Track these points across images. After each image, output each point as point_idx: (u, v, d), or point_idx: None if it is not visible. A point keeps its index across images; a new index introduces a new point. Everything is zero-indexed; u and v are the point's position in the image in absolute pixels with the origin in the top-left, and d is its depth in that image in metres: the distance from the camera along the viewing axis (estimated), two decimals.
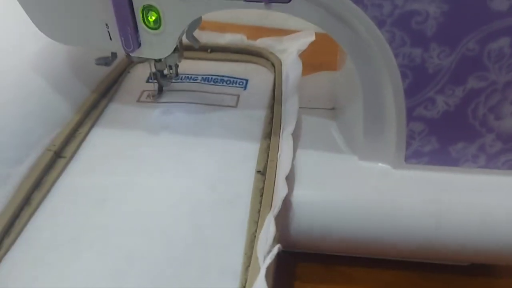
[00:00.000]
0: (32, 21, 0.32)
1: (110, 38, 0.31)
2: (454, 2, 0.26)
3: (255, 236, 0.29)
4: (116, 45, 0.32)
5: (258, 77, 0.45)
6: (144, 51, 0.31)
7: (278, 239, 0.28)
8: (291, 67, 0.42)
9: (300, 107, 0.36)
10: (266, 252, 0.26)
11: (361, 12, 0.27)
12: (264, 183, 0.32)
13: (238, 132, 0.38)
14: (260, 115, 0.40)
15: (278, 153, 0.34)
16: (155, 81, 0.42)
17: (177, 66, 0.40)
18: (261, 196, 0.32)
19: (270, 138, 0.36)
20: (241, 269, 0.28)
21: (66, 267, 0.28)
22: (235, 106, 0.41)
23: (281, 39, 0.48)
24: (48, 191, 0.32)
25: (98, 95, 0.41)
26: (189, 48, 0.41)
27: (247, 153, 0.36)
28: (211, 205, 0.31)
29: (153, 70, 0.40)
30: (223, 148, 0.36)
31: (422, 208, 0.31)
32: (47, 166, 0.33)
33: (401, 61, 0.28)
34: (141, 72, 0.46)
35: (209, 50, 0.48)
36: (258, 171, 0.33)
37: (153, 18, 0.30)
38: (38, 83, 0.36)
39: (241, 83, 0.44)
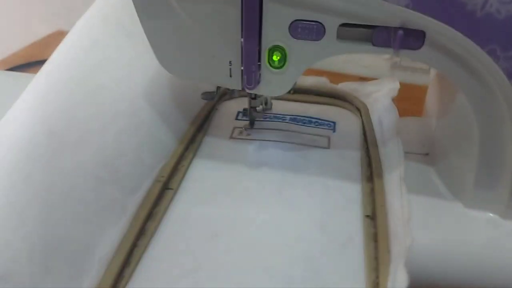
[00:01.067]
0: (155, 54, 0.34)
1: (231, 75, 0.32)
2: None
3: (377, 283, 0.29)
4: (235, 82, 0.33)
5: (345, 120, 0.46)
6: (262, 89, 0.33)
7: None
8: (385, 111, 0.43)
9: None
10: None
11: (493, 64, 0.27)
12: (375, 228, 0.32)
13: (336, 173, 0.38)
14: (355, 157, 0.40)
15: (387, 198, 0.33)
16: (245, 118, 0.43)
17: (270, 98, 0.41)
18: (375, 241, 0.31)
19: (372, 181, 0.36)
20: None
21: None
22: (328, 148, 0.41)
23: (364, 84, 0.49)
24: (160, 221, 0.33)
25: (195, 129, 0.42)
26: None
27: (350, 195, 0.36)
28: (324, 248, 0.31)
29: (246, 105, 0.41)
30: (324, 188, 0.36)
31: None
32: (158, 197, 0.34)
33: None
34: (229, 109, 0.47)
35: (291, 91, 0.49)
36: (367, 216, 0.33)
37: (278, 58, 0.31)
38: (147, 114, 0.37)
39: (329, 125, 0.45)
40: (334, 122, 0.45)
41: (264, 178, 0.37)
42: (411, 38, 0.28)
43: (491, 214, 0.33)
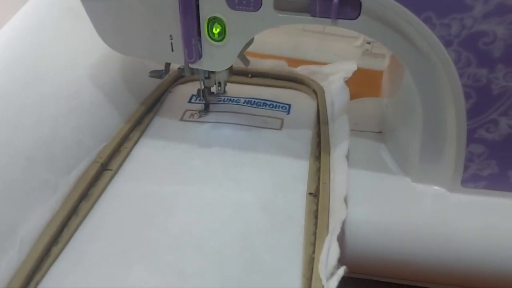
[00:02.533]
0: (97, 32, 0.33)
1: (172, 50, 0.32)
2: None
3: (313, 258, 0.28)
4: (177, 57, 0.32)
5: (301, 102, 0.45)
6: (205, 63, 0.32)
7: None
8: (338, 92, 0.42)
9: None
10: (329, 274, 0.26)
11: (429, 31, 0.27)
12: (317, 205, 0.32)
13: (284, 153, 0.37)
14: (306, 137, 0.40)
15: (331, 175, 0.33)
16: (199, 101, 0.43)
17: (225, 83, 0.40)
18: (315, 218, 0.31)
19: (319, 160, 0.36)
20: None
21: (117, 282, 0.27)
22: (280, 129, 0.41)
23: (321, 67, 0.49)
24: (95, 202, 0.32)
25: (143, 111, 0.41)
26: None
27: (296, 174, 0.35)
28: (263, 226, 0.31)
29: (202, 87, 0.40)
30: (271, 168, 0.36)
31: (478, 234, 0.30)
32: (94, 178, 0.33)
33: (465, 81, 0.28)
34: (183, 92, 0.46)
35: (249, 75, 0.48)
36: (310, 193, 0.33)
37: (218, 30, 0.30)
38: (90, 97, 0.36)
39: (284, 108, 0.44)
40: (289, 105, 0.45)
41: (211, 157, 0.36)
42: (348, 8, 0.28)
43: (436, 188, 0.33)
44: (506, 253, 0.30)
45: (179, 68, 0.38)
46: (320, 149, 0.38)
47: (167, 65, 0.38)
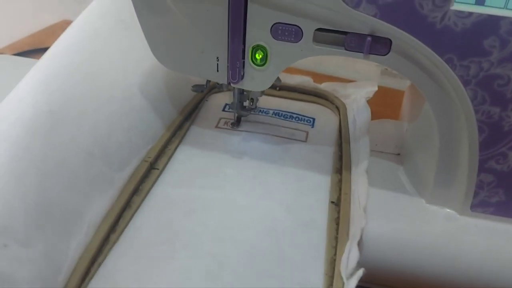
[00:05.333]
0: (150, 48, 0.37)
1: (217, 70, 0.35)
2: None
3: (334, 260, 0.32)
4: (221, 76, 0.36)
5: (324, 117, 0.49)
6: (245, 84, 0.35)
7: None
8: (360, 111, 0.46)
9: None
10: (349, 274, 0.29)
11: (450, 71, 0.30)
12: (338, 213, 0.35)
13: (309, 164, 0.41)
14: (329, 151, 0.43)
15: (352, 187, 0.37)
16: (231, 110, 0.46)
17: (257, 100, 0.44)
18: (337, 224, 0.35)
19: (340, 173, 0.40)
20: (321, 286, 0.30)
21: (164, 264, 0.31)
22: (305, 141, 0.44)
23: (345, 85, 0.52)
24: (145, 197, 0.36)
25: (183, 118, 0.45)
26: None
27: (319, 184, 0.39)
28: (288, 227, 0.35)
29: (235, 100, 0.44)
30: (296, 177, 0.40)
31: (483, 254, 0.34)
32: (144, 175, 0.37)
33: (480, 117, 0.31)
34: (217, 101, 0.50)
35: (278, 88, 0.52)
36: (332, 202, 0.37)
37: (260, 56, 0.34)
38: (140, 102, 0.40)
39: (308, 121, 0.48)
40: (313, 118, 0.48)
41: (242, 165, 0.40)
42: (379, 45, 0.31)
43: (448, 210, 0.36)
44: (508, 273, 0.33)
45: (217, 83, 0.41)
46: (341, 163, 0.41)
47: (208, 80, 0.41)
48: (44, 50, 0.59)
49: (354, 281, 0.29)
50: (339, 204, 0.36)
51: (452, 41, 0.29)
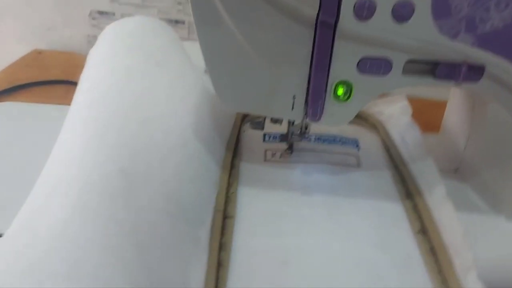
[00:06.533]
0: (215, 88, 0.34)
1: (293, 108, 0.33)
2: None
3: None
4: (297, 114, 0.34)
5: (364, 137, 0.48)
6: (325, 120, 0.34)
7: None
8: (407, 128, 0.45)
9: None
10: None
11: None
12: (430, 243, 0.34)
13: (374, 192, 0.40)
14: (386, 175, 0.42)
15: (434, 214, 0.36)
16: (273, 140, 0.45)
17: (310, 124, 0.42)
18: (433, 255, 0.34)
19: (411, 199, 0.39)
20: None
21: None
22: (358, 166, 0.43)
23: (375, 102, 0.52)
24: (231, 251, 0.33)
25: (231, 154, 0.42)
26: None
27: (395, 214, 0.38)
28: (388, 267, 0.33)
29: (289, 131, 0.42)
30: (371, 208, 0.38)
31: None
32: (223, 227, 0.34)
33: None
34: (254, 132, 0.47)
35: None
36: (418, 232, 0.36)
37: (343, 91, 0.32)
38: (194, 144, 0.37)
39: (353, 143, 0.47)
40: (356, 139, 0.47)
41: (312, 202, 0.38)
42: (472, 72, 0.31)
43: None
44: None
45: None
46: (405, 187, 0.40)
47: None
48: (22, 86, 0.55)
49: None
50: (426, 233, 0.35)
51: None
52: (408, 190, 0.40)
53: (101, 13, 0.73)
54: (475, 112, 0.40)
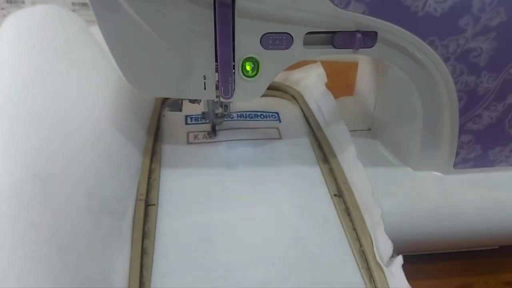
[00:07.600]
0: (124, 76, 0.34)
1: (205, 88, 0.34)
2: (501, 40, 0.33)
3: (363, 251, 0.33)
4: (209, 94, 0.34)
5: (285, 109, 0.50)
6: (237, 97, 0.35)
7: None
8: (322, 97, 0.47)
9: None
10: (386, 263, 0.31)
11: (432, 51, 0.33)
12: (345, 204, 0.37)
13: (295, 160, 0.42)
14: (305, 142, 0.44)
15: (347, 175, 0.38)
16: (196, 122, 0.45)
17: (229, 106, 0.43)
18: (349, 215, 0.36)
19: (327, 162, 0.41)
20: (362, 281, 0.31)
21: None
22: (280, 138, 0.45)
23: (291, 72, 0.53)
24: (155, 238, 0.33)
25: (152, 139, 0.42)
26: None
27: (314, 177, 0.40)
28: (308, 230, 0.35)
29: (209, 111, 0.42)
30: (291, 175, 0.40)
31: (473, 203, 0.38)
32: (145, 215, 0.35)
33: (459, 87, 0.35)
34: (175, 115, 0.47)
35: None
36: (335, 195, 0.38)
37: (251, 67, 0.33)
38: (112, 134, 0.37)
39: (274, 116, 0.48)
40: (277, 113, 0.49)
41: (235, 177, 0.39)
42: (366, 39, 0.33)
43: (434, 173, 0.40)
44: (497, 215, 0.38)
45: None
46: (323, 152, 0.43)
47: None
48: None
49: (397, 268, 0.30)
50: (341, 195, 0.38)
51: (432, 25, 0.32)
52: (325, 155, 0.42)
53: (9, 1, 0.69)
54: (379, 75, 0.42)
